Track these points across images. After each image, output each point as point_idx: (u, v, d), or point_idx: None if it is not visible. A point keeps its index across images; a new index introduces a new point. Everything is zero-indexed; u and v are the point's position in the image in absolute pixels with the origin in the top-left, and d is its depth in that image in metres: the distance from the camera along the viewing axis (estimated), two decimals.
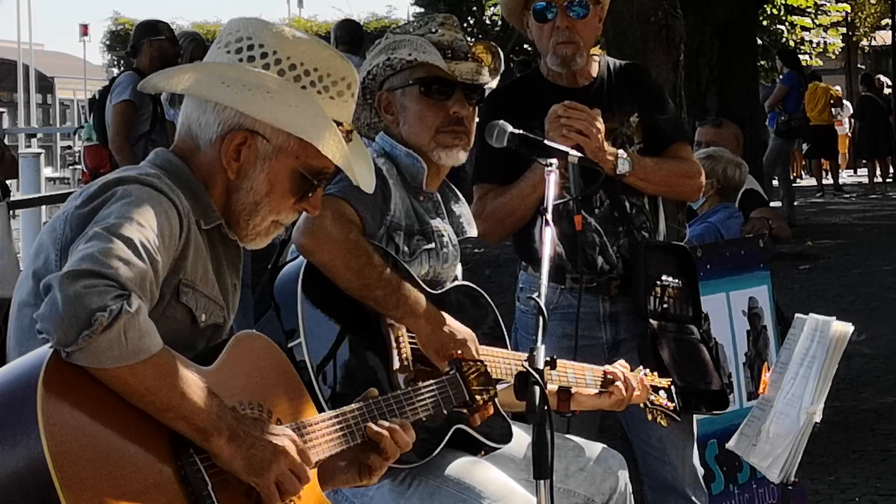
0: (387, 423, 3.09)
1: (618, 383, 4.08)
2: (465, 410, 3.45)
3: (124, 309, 2.49)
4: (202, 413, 2.65)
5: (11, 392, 2.51)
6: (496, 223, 4.60)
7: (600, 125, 4.42)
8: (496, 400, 3.65)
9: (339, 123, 2.99)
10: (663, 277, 4.64)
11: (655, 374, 4.27)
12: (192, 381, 2.65)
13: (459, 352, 3.58)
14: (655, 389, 4.21)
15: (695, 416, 4.71)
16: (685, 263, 4.76)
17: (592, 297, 4.61)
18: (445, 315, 3.68)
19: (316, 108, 2.95)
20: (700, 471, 4.74)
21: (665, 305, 4.65)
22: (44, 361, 2.50)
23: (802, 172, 26.90)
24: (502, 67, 4.01)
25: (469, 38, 3.99)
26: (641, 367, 4.24)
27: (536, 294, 3.33)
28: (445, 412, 3.38)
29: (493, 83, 4.03)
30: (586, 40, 4.61)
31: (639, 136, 4.67)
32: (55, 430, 2.45)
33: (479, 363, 3.51)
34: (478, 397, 3.44)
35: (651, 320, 4.58)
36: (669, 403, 4.22)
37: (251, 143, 2.93)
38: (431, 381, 3.37)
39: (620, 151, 4.49)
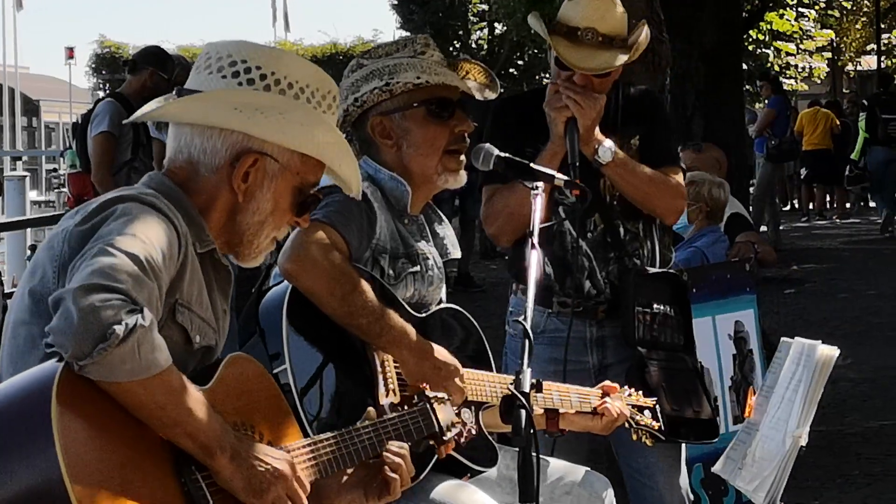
0: (398, 449, 3.15)
1: (607, 403, 4.05)
2: (432, 442, 3.42)
3: (139, 323, 2.50)
4: (207, 430, 2.66)
5: (22, 406, 2.51)
6: (507, 219, 4.52)
7: (599, 106, 4.38)
8: (481, 423, 3.63)
9: None
10: (654, 305, 4.59)
11: (640, 393, 4.25)
12: (198, 399, 2.67)
13: (427, 386, 3.51)
14: (640, 409, 4.20)
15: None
16: (679, 292, 4.70)
17: (579, 321, 4.59)
18: (432, 345, 3.64)
19: (324, 124, 3.00)
20: (689, 497, 4.72)
21: (654, 333, 4.60)
22: (56, 375, 2.50)
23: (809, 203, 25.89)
24: (497, 80, 3.99)
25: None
26: (626, 387, 4.21)
27: (522, 317, 3.31)
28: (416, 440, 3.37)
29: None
30: (600, 90, 4.48)
31: (636, 160, 4.61)
32: (70, 445, 2.46)
33: (444, 398, 3.48)
34: (448, 433, 3.43)
35: (639, 348, 4.55)
36: (654, 423, 4.21)
37: (260, 164, 2.96)
38: (404, 412, 3.35)
39: (609, 141, 4.43)
